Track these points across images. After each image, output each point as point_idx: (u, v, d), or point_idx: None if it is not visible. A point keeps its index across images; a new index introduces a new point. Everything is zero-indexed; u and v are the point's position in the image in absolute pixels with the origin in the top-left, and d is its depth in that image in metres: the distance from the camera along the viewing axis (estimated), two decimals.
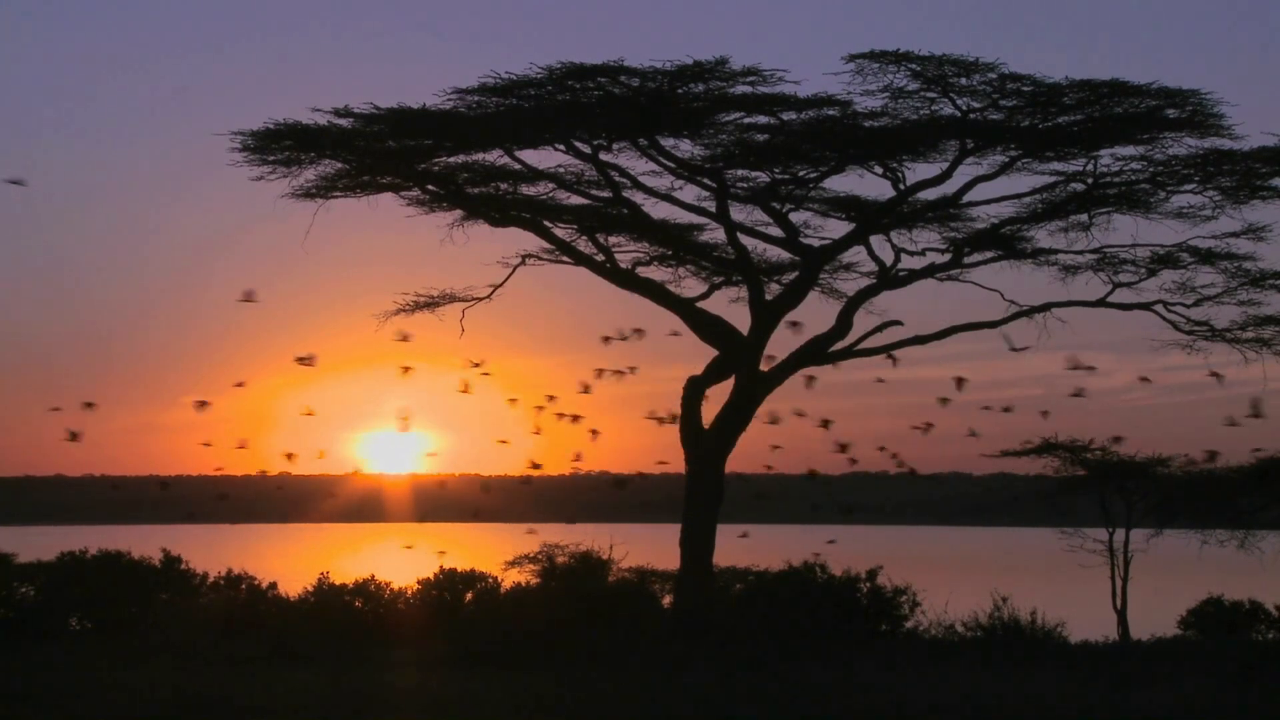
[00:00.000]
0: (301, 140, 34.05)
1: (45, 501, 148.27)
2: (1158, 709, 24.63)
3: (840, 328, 35.23)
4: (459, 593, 35.45)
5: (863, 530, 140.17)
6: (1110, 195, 34.93)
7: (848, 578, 34.59)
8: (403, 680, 27.44)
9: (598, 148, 34.30)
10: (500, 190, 36.17)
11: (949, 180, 34.46)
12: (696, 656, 29.51)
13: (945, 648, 32.33)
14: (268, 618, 33.89)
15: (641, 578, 36.20)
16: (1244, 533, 35.94)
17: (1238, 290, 35.38)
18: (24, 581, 35.40)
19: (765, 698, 25.38)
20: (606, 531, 37.06)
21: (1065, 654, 31.71)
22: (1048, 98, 32.95)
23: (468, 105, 33.33)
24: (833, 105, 33.21)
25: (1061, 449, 36.69)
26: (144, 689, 25.86)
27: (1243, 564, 36.04)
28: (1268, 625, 36.18)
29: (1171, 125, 33.24)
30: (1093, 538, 36.44)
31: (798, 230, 35.77)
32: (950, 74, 32.35)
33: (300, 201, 35.14)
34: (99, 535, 41.53)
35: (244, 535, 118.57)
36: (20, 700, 24.82)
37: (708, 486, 34.64)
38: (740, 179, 35.26)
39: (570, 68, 32.48)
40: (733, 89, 32.80)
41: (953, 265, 35.92)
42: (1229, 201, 34.72)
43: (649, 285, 35.94)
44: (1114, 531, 36.22)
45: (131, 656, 29.94)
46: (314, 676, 27.48)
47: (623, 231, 36.75)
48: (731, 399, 34.86)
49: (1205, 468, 36.04)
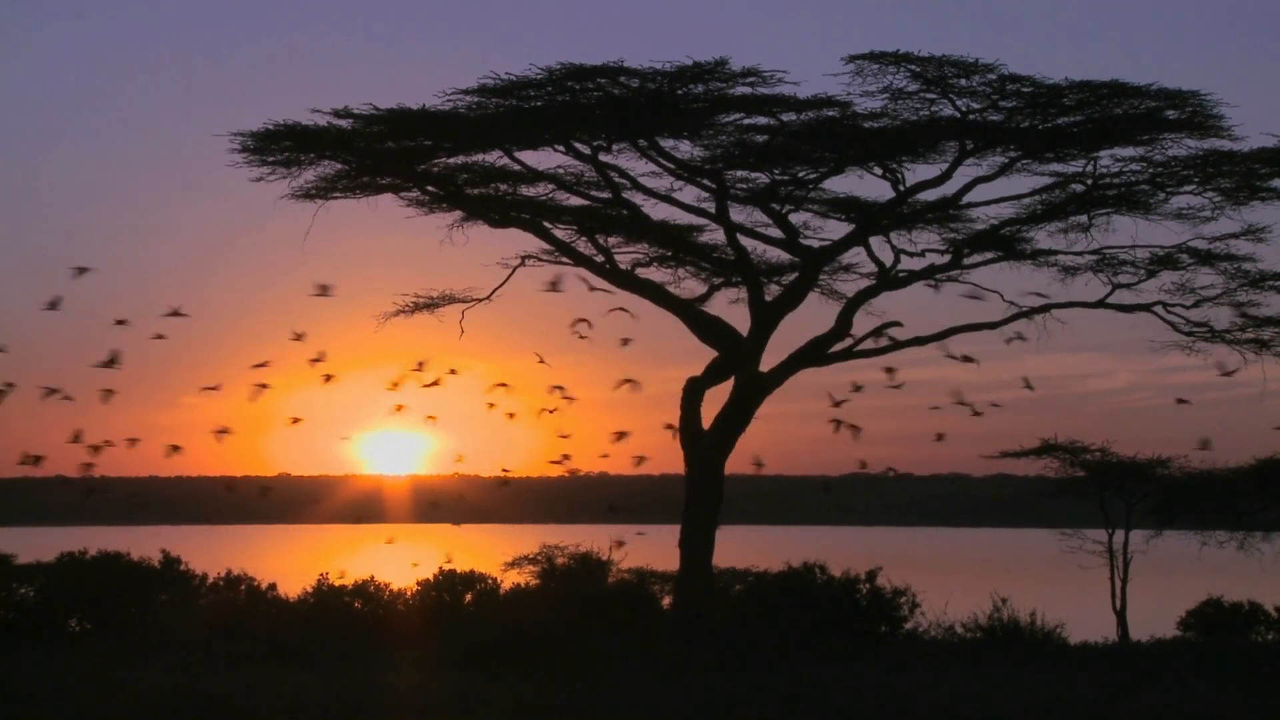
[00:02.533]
0: (301, 141, 34.04)
1: (43, 502, 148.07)
2: (1157, 710, 24.66)
3: (840, 329, 35.22)
4: (458, 594, 35.46)
5: (863, 531, 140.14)
6: (1110, 196, 34.92)
7: (847, 579, 34.60)
8: (402, 681, 27.44)
9: (597, 149, 34.29)
10: (500, 191, 36.16)
11: (949, 181, 34.47)
12: (696, 657, 29.52)
13: (945, 649, 32.34)
14: (267, 618, 33.89)
15: (641, 579, 36.22)
16: (1243, 534, 35.97)
17: (1237, 291, 35.38)
18: (24, 582, 35.40)
19: (765, 698, 25.40)
20: (605, 532, 37.11)
21: (1065, 655, 31.73)
22: (1047, 99, 32.95)
23: (467, 106, 33.31)
24: (832, 106, 33.21)
25: (1061, 450, 36.71)
26: (144, 689, 25.88)
27: (1242, 565, 36.07)
28: (1267, 626, 36.21)
29: (1171, 126, 33.24)
30: (1092, 539, 36.46)
31: (797, 231, 35.76)
32: (950, 75, 32.34)
33: (300, 202, 35.18)
34: (99, 536, 41.51)
35: (243, 536, 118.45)
36: (20, 700, 24.83)
37: (707, 487, 34.63)
38: (740, 180, 35.24)
39: (570, 69, 32.47)
40: (732, 90, 32.80)
41: (952, 266, 35.92)
42: (1228, 203, 34.72)
43: (649, 286, 35.94)
44: (1113, 532, 36.24)
45: (131, 657, 29.95)
46: (314, 677, 27.48)
47: (622, 232, 36.72)
48: (731, 400, 34.86)
49: (1205, 469, 36.08)
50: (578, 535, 39.06)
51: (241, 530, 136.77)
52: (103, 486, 32.77)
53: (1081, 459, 36.69)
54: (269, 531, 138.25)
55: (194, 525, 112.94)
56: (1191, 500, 36.01)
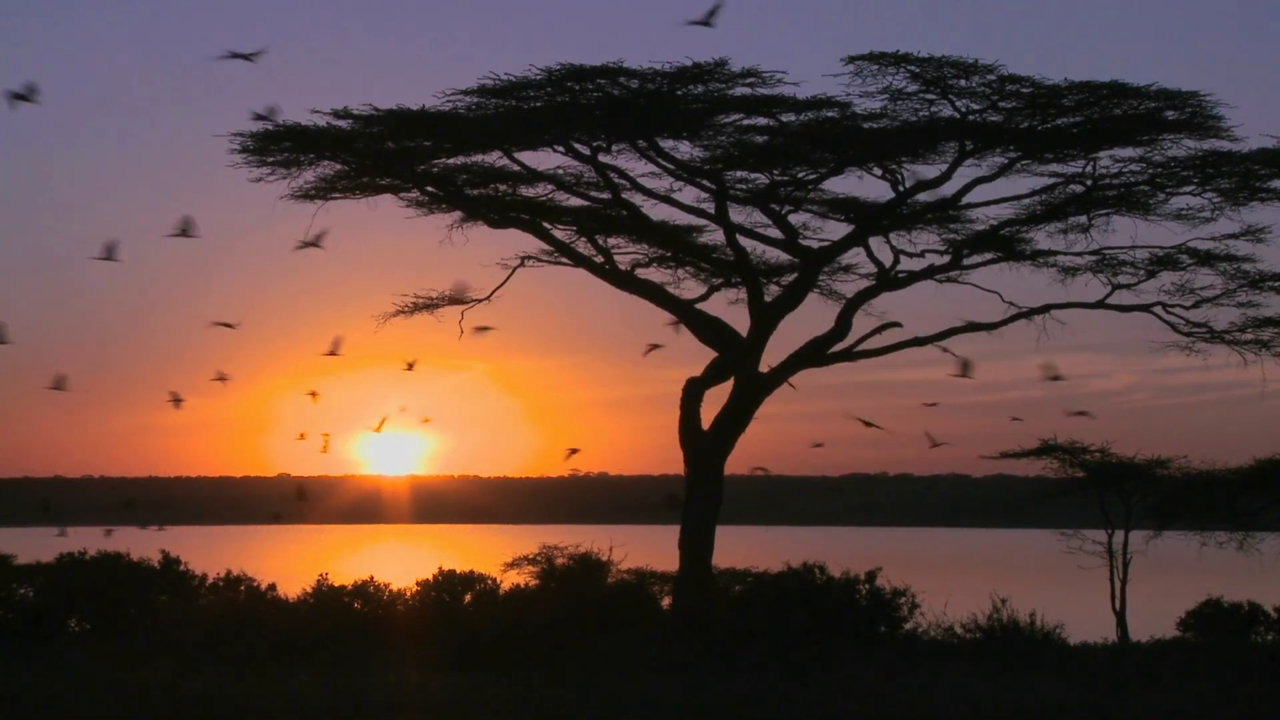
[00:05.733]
0: (301, 142, 34.05)
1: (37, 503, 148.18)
2: (1157, 711, 24.66)
3: (839, 329, 35.23)
4: (458, 594, 35.46)
5: (863, 531, 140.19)
6: (1109, 197, 34.92)
7: (847, 579, 34.58)
8: (402, 681, 27.44)
9: (597, 149, 34.29)
10: (499, 192, 36.17)
11: (948, 182, 34.47)
12: (696, 657, 29.53)
13: (944, 649, 32.33)
14: (267, 619, 33.88)
15: (640, 579, 36.23)
16: (1243, 534, 35.97)
17: (1237, 292, 35.39)
18: (23, 583, 35.41)
19: (765, 698, 25.40)
20: (606, 533, 37.12)
21: (1064, 656, 31.71)
22: (1047, 99, 32.95)
23: (467, 107, 33.31)
24: (832, 107, 33.21)
25: (1060, 451, 36.71)
26: (144, 690, 25.88)
27: (1242, 565, 36.07)
28: (1267, 627, 36.21)
29: (1170, 127, 33.24)
30: (1092, 539, 36.46)
31: (797, 232, 35.77)
32: (949, 75, 32.34)
33: (299, 203, 35.18)
34: (98, 537, 41.52)
35: (243, 536, 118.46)
36: (20, 701, 24.83)
37: (707, 488, 34.64)
38: (739, 180, 35.25)
39: (569, 69, 32.47)
40: (732, 90, 32.80)
41: (952, 267, 35.93)
42: (1228, 203, 34.72)
43: (648, 287, 35.95)
44: (1113, 533, 36.24)
45: (131, 657, 29.94)
46: (313, 677, 27.49)
47: (622, 233, 36.74)
48: (730, 400, 34.86)
49: (1204, 469, 36.09)
50: (578, 535, 39.08)
51: (241, 531, 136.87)
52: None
53: (1081, 459, 36.69)
54: (268, 532, 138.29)
55: (200, 525, 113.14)
56: (1191, 500, 36.01)
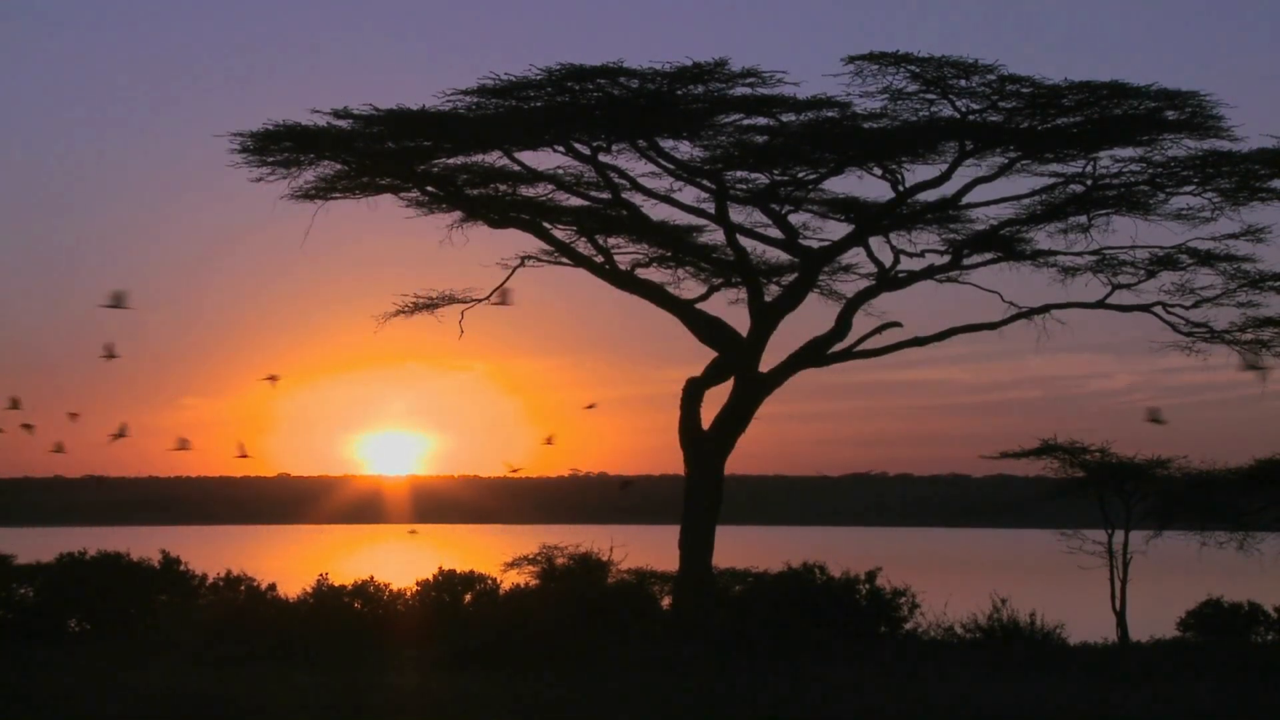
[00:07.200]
0: (301, 141, 34.04)
1: (39, 503, 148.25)
2: (1157, 711, 24.64)
3: (839, 329, 35.24)
4: (458, 594, 35.47)
5: (863, 531, 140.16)
6: (1109, 197, 34.93)
7: (847, 579, 34.62)
8: (402, 681, 27.44)
9: (597, 149, 34.29)
10: (499, 191, 36.17)
11: (948, 182, 34.46)
12: (696, 657, 29.53)
13: (944, 649, 32.35)
14: (267, 619, 33.90)
15: (641, 579, 36.23)
16: (1243, 534, 35.98)
17: (1237, 292, 35.40)
18: (23, 583, 35.41)
19: (765, 698, 25.40)
20: (606, 533, 37.12)
21: (1064, 656, 31.74)
22: (1047, 99, 32.95)
23: (467, 106, 33.31)
24: (832, 107, 33.21)
25: (1060, 451, 36.73)
26: (144, 690, 25.87)
27: (1242, 566, 36.07)
28: (1267, 627, 36.22)
29: (1171, 127, 33.24)
30: (1092, 539, 36.47)
31: (797, 232, 35.77)
32: (949, 75, 32.34)
33: (300, 203, 35.19)
34: (98, 537, 41.55)
35: (243, 536, 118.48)
36: (20, 700, 24.81)
37: (707, 488, 34.64)
38: (739, 180, 35.25)
39: (569, 69, 32.47)
40: (732, 90, 32.80)
41: (952, 267, 35.94)
42: (1228, 203, 34.73)
43: (648, 287, 35.95)
44: (1113, 533, 36.24)
45: (131, 657, 29.95)
46: (314, 677, 27.48)
47: (622, 233, 36.74)
48: (730, 401, 34.86)
49: (1204, 469, 36.10)
50: (578, 535, 39.08)
51: (242, 530, 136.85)
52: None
53: (1081, 459, 36.70)
54: (268, 532, 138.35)
55: (200, 525, 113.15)
56: (1191, 500, 36.02)
